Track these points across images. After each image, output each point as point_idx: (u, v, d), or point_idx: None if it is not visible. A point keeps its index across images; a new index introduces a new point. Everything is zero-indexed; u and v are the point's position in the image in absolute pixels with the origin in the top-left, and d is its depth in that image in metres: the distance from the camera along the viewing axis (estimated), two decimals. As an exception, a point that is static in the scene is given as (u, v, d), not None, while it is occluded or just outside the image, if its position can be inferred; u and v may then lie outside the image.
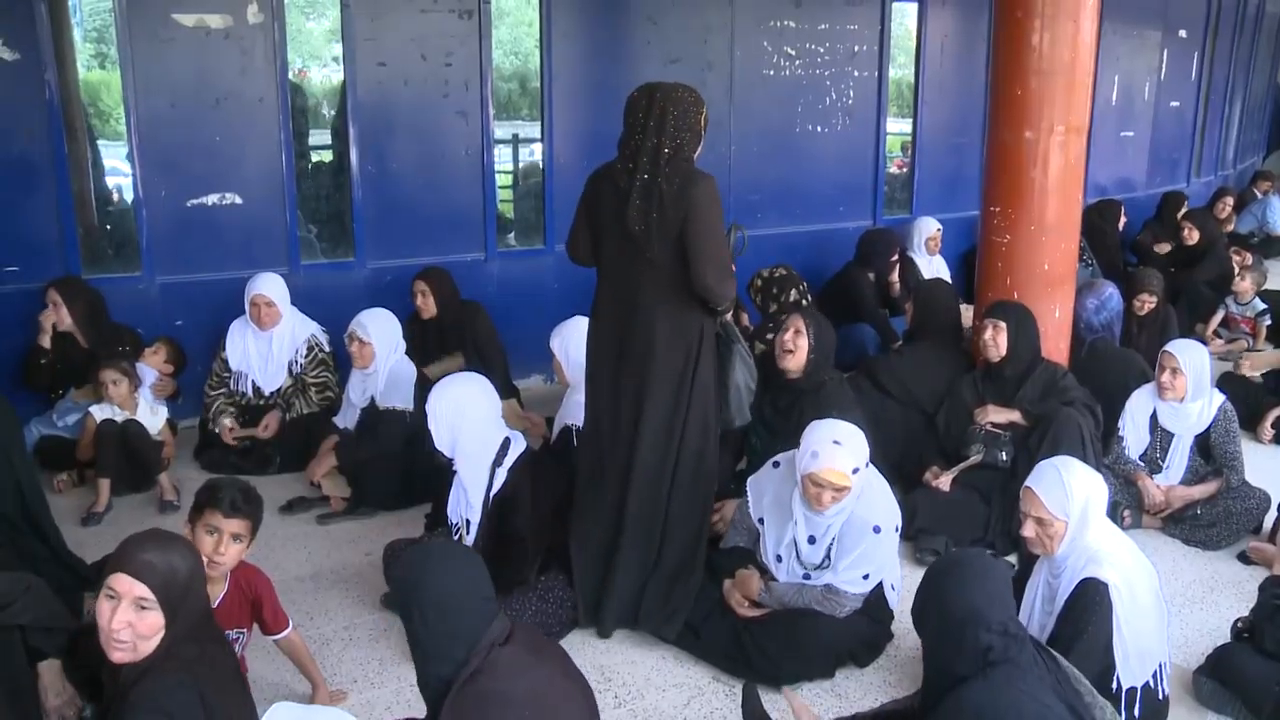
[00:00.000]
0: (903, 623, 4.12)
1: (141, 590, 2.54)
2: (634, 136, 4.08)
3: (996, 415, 5.11)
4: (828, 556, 3.88)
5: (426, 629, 2.51)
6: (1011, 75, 5.26)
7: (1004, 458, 5.00)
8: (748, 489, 4.17)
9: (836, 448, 3.77)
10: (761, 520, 4.06)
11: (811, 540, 3.89)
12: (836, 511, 3.83)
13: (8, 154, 5.88)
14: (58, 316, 5.83)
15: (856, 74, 8.47)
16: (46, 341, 5.83)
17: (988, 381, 5.26)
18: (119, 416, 5.46)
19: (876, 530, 3.85)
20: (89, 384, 5.65)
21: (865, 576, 3.87)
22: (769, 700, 3.55)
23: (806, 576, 3.91)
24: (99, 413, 5.45)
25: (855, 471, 3.77)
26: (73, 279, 5.99)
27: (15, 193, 5.92)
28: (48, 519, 4.16)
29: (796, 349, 4.81)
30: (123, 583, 2.56)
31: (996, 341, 5.12)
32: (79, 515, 5.24)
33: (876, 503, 3.91)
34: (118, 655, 2.58)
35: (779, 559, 3.98)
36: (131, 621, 2.55)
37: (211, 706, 2.49)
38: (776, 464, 4.12)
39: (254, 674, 3.76)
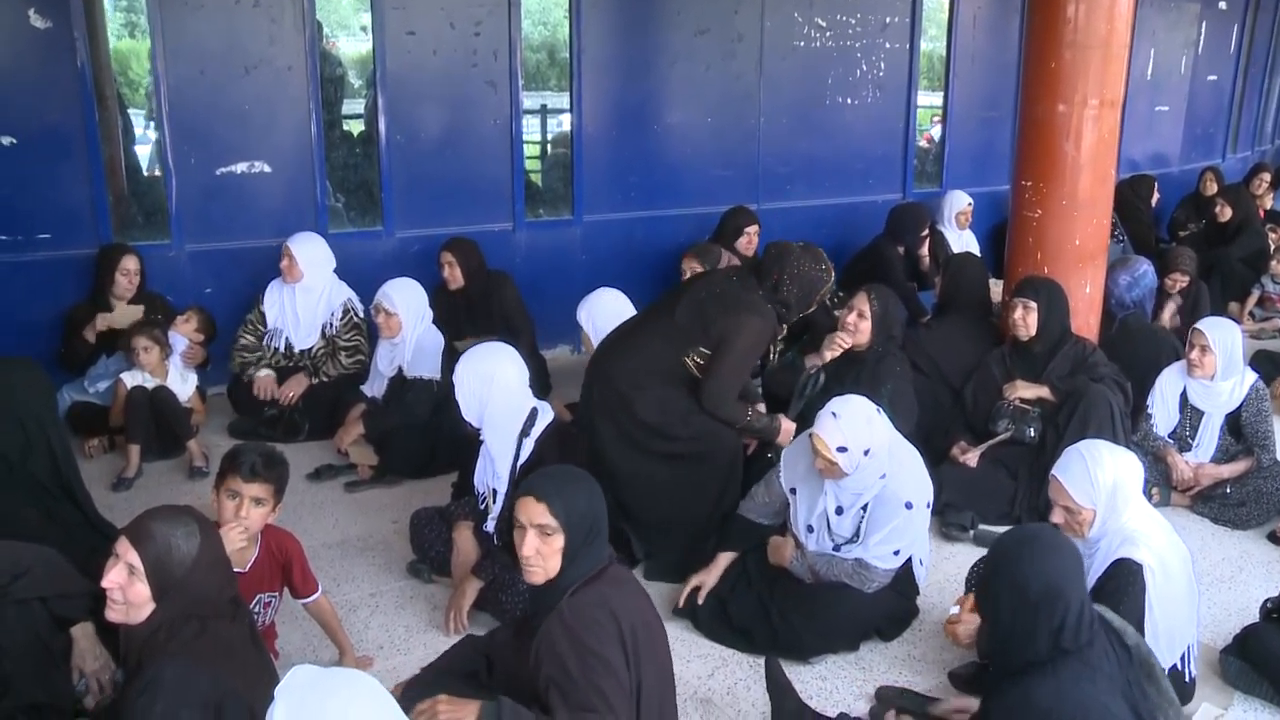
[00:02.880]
0: (927, 598, 4.14)
1: (134, 558, 2.57)
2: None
3: (1025, 391, 5.08)
4: (858, 531, 3.86)
5: None
6: (1045, 48, 5.20)
7: (1032, 433, 4.98)
8: (783, 459, 4.15)
9: (832, 420, 3.75)
10: (794, 490, 4.04)
11: (839, 511, 3.87)
12: (861, 486, 3.81)
13: (40, 123, 5.91)
14: (130, 284, 5.92)
15: (888, 46, 8.40)
16: (93, 337, 5.88)
17: (1016, 357, 5.23)
18: (149, 383, 5.50)
19: (909, 506, 3.82)
20: (121, 351, 5.70)
21: (896, 552, 3.85)
22: (792, 672, 3.57)
23: (836, 549, 3.89)
24: (129, 379, 5.50)
25: (842, 450, 3.71)
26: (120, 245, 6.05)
27: (47, 161, 5.95)
28: (79, 484, 4.19)
29: (859, 330, 4.89)
30: (122, 544, 2.60)
31: (1026, 321, 5.09)
32: (109, 480, 5.29)
33: (909, 479, 3.88)
34: (111, 614, 2.62)
35: (810, 529, 3.96)
36: (122, 584, 2.57)
37: (215, 685, 2.49)
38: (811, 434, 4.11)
39: (282, 640, 3.81)
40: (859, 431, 3.73)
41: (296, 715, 1.96)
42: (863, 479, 3.79)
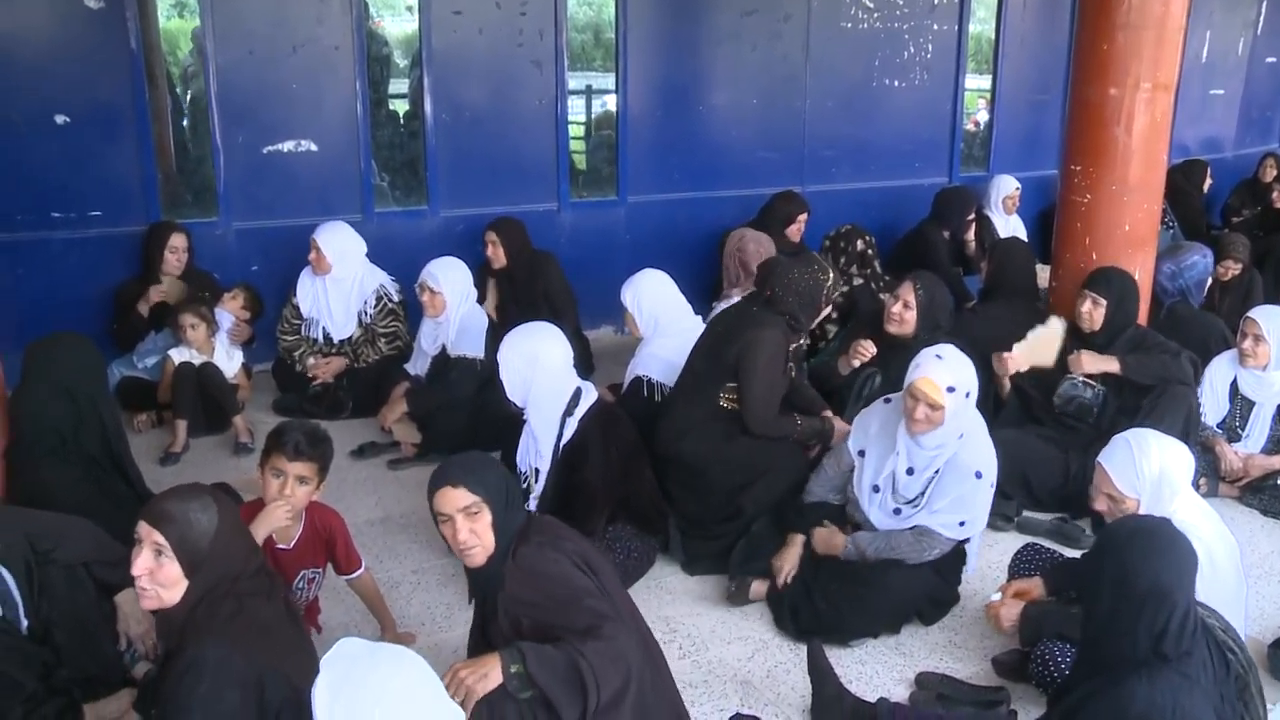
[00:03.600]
0: (969, 584, 4.12)
1: (158, 538, 2.58)
2: None
3: (1092, 364, 4.95)
4: (923, 493, 3.85)
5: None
6: (1098, 29, 5.12)
7: (1090, 396, 4.92)
8: (854, 424, 4.16)
9: (937, 360, 3.75)
10: (862, 452, 4.03)
11: (910, 472, 3.86)
12: (938, 444, 3.80)
13: (92, 101, 5.98)
14: (179, 261, 5.98)
15: (936, 27, 8.31)
16: (146, 310, 5.95)
17: (1077, 343, 5.08)
18: (196, 360, 5.56)
19: (979, 475, 3.82)
20: (169, 328, 5.76)
21: (961, 524, 3.85)
22: (832, 656, 3.56)
23: (897, 511, 3.89)
24: (177, 355, 5.56)
25: (951, 390, 3.71)
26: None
27: (99, 140, 6.03)
28: (129, 459, 4.25)
29: (904, 320, 4.87)
30: (143, 528, 2.61)
31: (1093, 316, 4.99)
32: (157, 455, 5.35)
33: (981, 449, 3.87)
34: (146, 601, 2.64)
35: (875, 489, 3.95)
36: (151, 569, 2.59)
37: (255, 664, 2.52)
38: (888, 400, 4.08)
39: (324, 616, 3.85)
40: (964, 370, 3.77)
41: (341, 686, 1.99)
42: (948, 431, 3.77)
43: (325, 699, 1.98)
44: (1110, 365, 4.94)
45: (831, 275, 4.56)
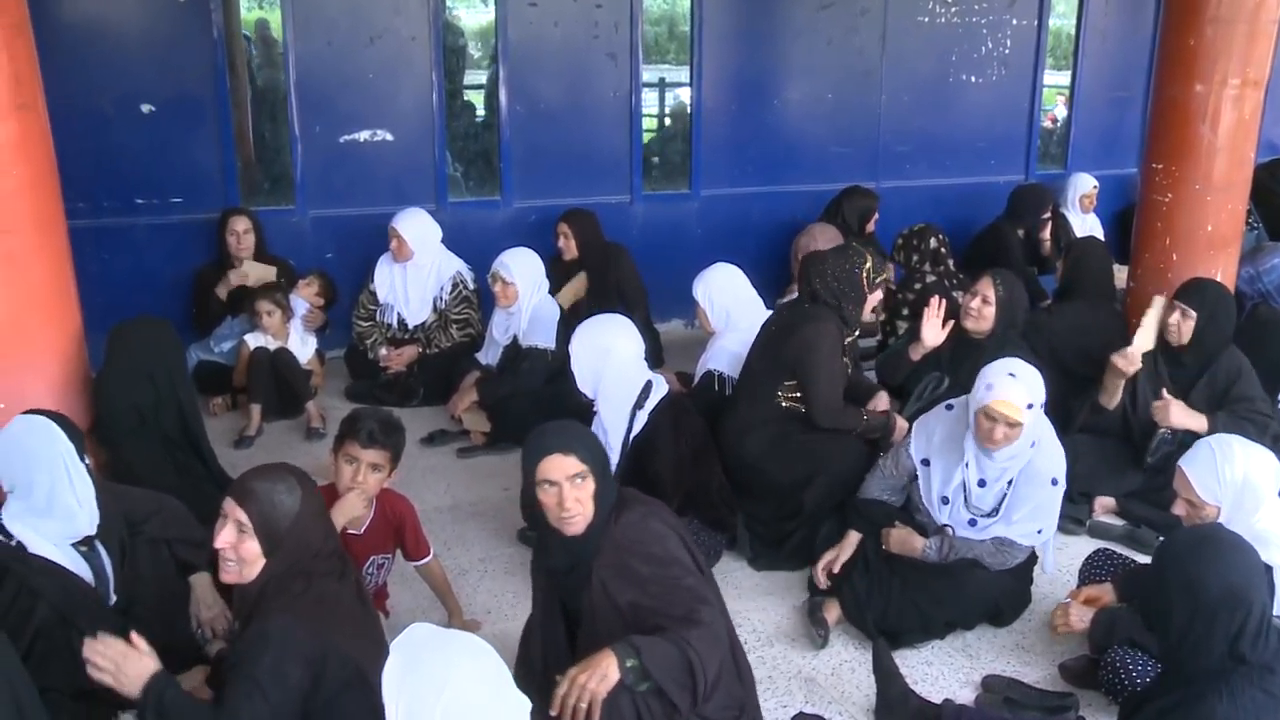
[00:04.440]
0: (1039, 588, 4.06)
1: (241, 515, 2.65)
2: None
3: (1179, 419, 4.63)
4: (998, 505, 3.80)
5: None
6: (1184, 23, 5.00)
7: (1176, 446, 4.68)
8: (913, 430, 4.09)
9: (1011, 380, 3.66)
10: (926, 461, 3.96)
11: (982, 484, 3.80)
12: (1010, 456, 3.73)
13: (176, 91, 6.11)
14: (240, 245, 6.06)
15: (1015, 22, 8.19)
16: (225, 294, 6.06)
17: (1168, 361, 4.86)
18: (271, 345, 5.65)
19: (1054, 483, 3.76)
20: (245, 313, 5.87)
21: (1039, 531, 3.80)
22: (897, 656, 3.54)
23: (972, 523, 3.83)
24: (252, 341, 5.66)
25: (1029, 407, 3.65)
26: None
27: (182, 128, 6.16)
28: (205, 440, 4.34)
29: (982, 316, 4.78)
30: (228, 504, 2.68)
31: (1180, 329, 4.73)
32: (232, 438, 5.45)
33: (1054, 454, 3.80)
34: (225, 574, 2.72)
35: (945, 501, 3.89)
36: (233, 542, 2.66)
37: (319, 640, 2.57)
38: (950, 406, 4.00)
39: (392, 601, 3.89)
40: (1037, 384, 3.71)
41: (409, 669, 2.00)
42: (1021, 443, 3.70)
43: (394, 682, 2.00)
44: (1197, 423, 4.62)
45: (870, 261, 4.49)
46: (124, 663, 2.59)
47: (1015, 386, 3.65)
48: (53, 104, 3.95)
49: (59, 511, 3.08)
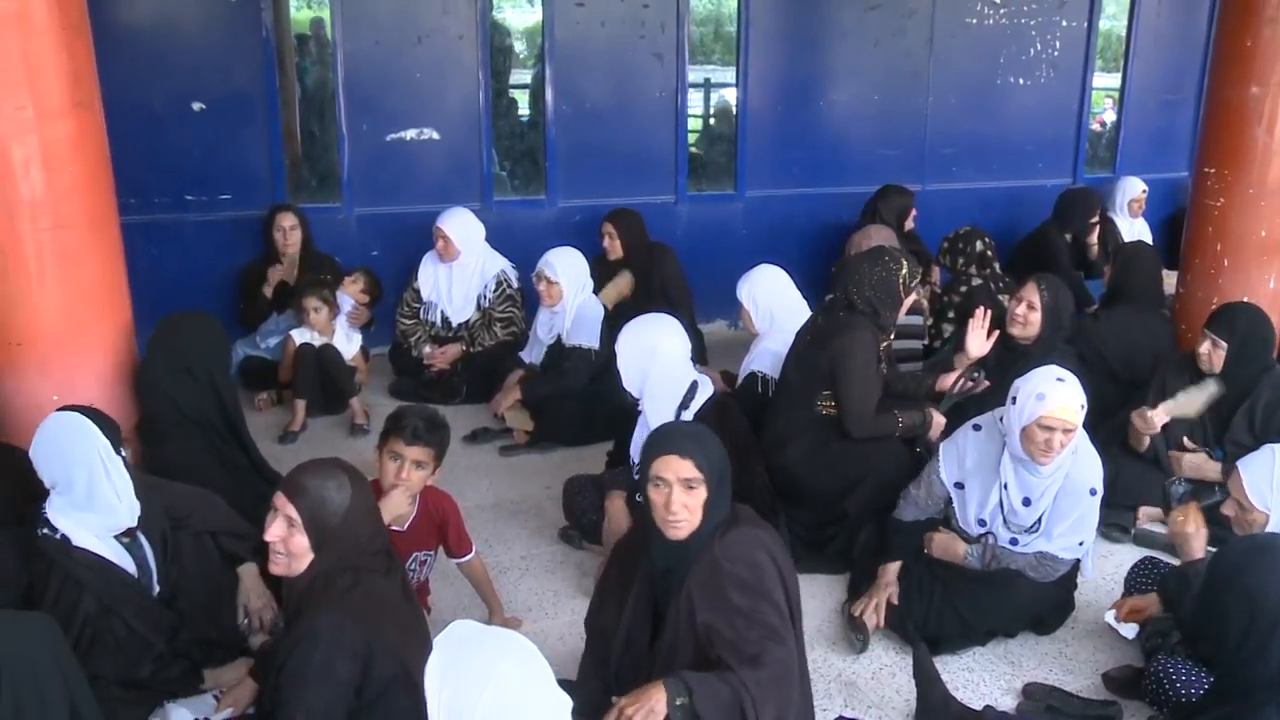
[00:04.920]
0: (1083, 595, 4.03)
1: (291, 510, 2.68)
2: None
3: (1192, 471, 4.56)
4: (1038, 521, 3.75)
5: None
6: (1241, 24, 4.93)
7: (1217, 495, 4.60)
8: (940, 453, 4.02)
9: (1061, 385, 3.61)
10: (959, 485, 3.92)
11: (1026, 502, 3.74)
12: (1055, 468, 3.68)
13: (227, 89, 6.20)
14: (286, 241, 6.15)
15: (1064, 24, 8.12)
16: (270, 292, 6.13)
17: (1198, 379, 4.71)
18: (316, 341, 5.70)
19: (1093, 493, 3.71)
20: (291, 309, 5.92)
21: (1080, 543, 3.75)
22: (938, 662, 3.52)
23: (1014, 541, 3.79)
24: (298, 336, 5.71)
25: (1082, 408, 3.61)
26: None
27: (232, 126, 6.24)
28: (246, 434, 4.37)
29: (1028, 322, 4.74)
30: (279, 499, 2.71)
31: (1211, 360, 4.61)
32: (276, 433, 5.50)
33: (1090, 462, 3.75)
34: (275, 567, 2.75)
35: (982, 523, 3.85)
36: (283, 536, 2.69)
37: (366, 636, 2.60)
38: (977, 427, 3.93)
39: (434, 597, 3.92)
40: (1080, 386, 3.66)
41: (451, 666, 2.02)
42: (1067, 451, 3.64)
43: (436, 678, 2.01)
44: (1211, 474, 4.53)
45: (906, 265, 4.43)
46: None
47: (1067, 390, 3.61)
48: (107, 102, 4.00)
49: (99, 505, 3.12)
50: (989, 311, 4.77)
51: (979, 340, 4.70)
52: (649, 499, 2.83)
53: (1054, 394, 3.59)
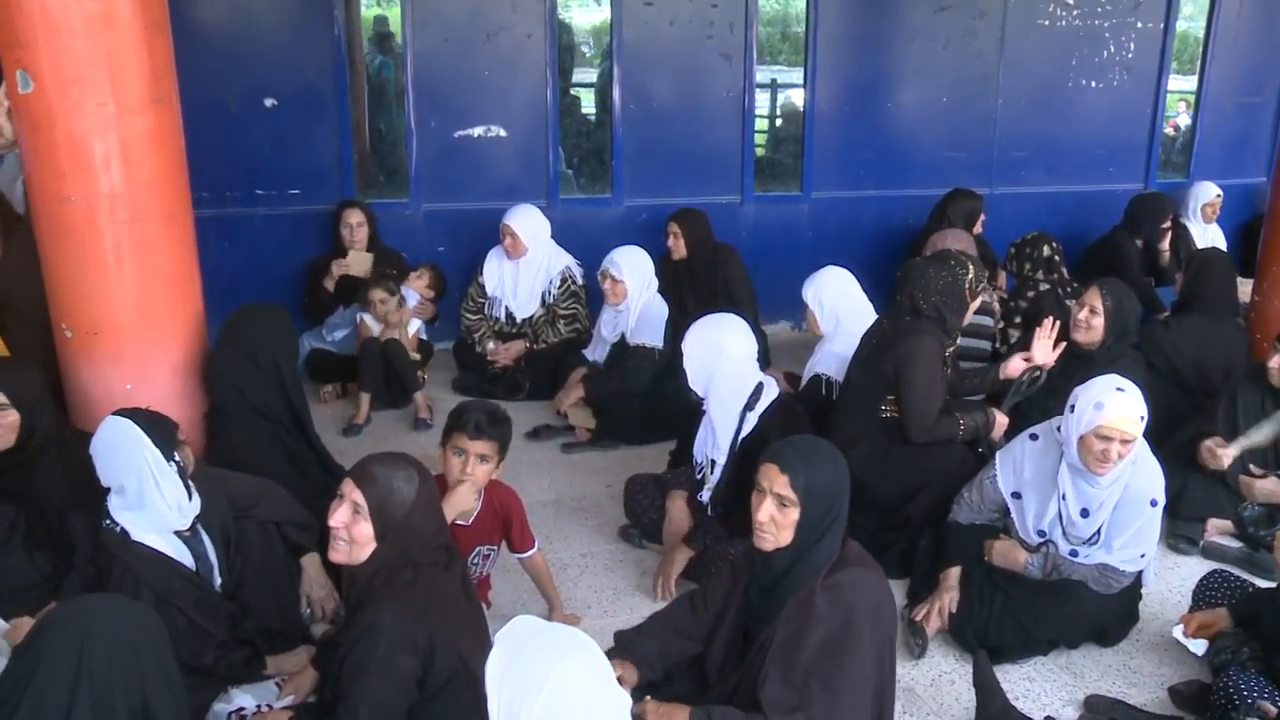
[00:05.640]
0: (1148, 607, 3.97)
1: (358, 497, 2.71)
2: None
3: (1264, 496, 4.49)
4: (1098, 532, 3.69)
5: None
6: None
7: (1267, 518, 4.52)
8: (997, 462, 3.97)
9: (1121, 394, 3.55)
10: (1017, 495, 3.87)
11: (1085, 514, 3.69)
12: (1114, 479, 3.62)
13: (298, 85, 6.29)
14: (353, 237, 6.21)
15: (1139, 25, 7.98)
16: (332, 286, 6.20)
17: (1270, 397, 4.67)
18: (381, 334, 5.77)
19: (1154, 504, 3.65)
20: (358, 303, 6.00)
21: (1141, 555, 3.70)
22: (999, 671, 3.48)
23: (1073, 553, 3.74)
24: (371, 324, 5.80)
25: (1142, 419, 3.55)
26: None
27: (302, 121, 6.33)
28: (311, 426, 4.41)
29: (1091, 327, 4.67)
30: (347, 485, 2.75)
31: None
32: (340, 425, 5.57)
33: (1151, 473, 3.69)
34: (334, 554, 2.78)
35: (1041, 534, 3.80)
36: (347, 523, 2.72)
37: (427, 630, 2.63)
38: (1034, 436, 3.88)
39: (494, 592, 3.95)
40: (1140, 396, 3.59)
41: (512, 661, 2.03)
42: (1126, 462, 3.59)
43: (497, 673, 2.03)
44: None
45: (972, 269, 4.38)
46: None
47: (1127, 400, 3.55)
48: (183, 98, 4.07)
49: (150, 510, 3.17)
50: (1056, 321, 4.70)
51: (1044, 350, 4.63)
52: (752, 502, 2.84)
53: (1113, 403, 3.53)
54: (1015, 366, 4.57)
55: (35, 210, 3.81)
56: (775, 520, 2.77)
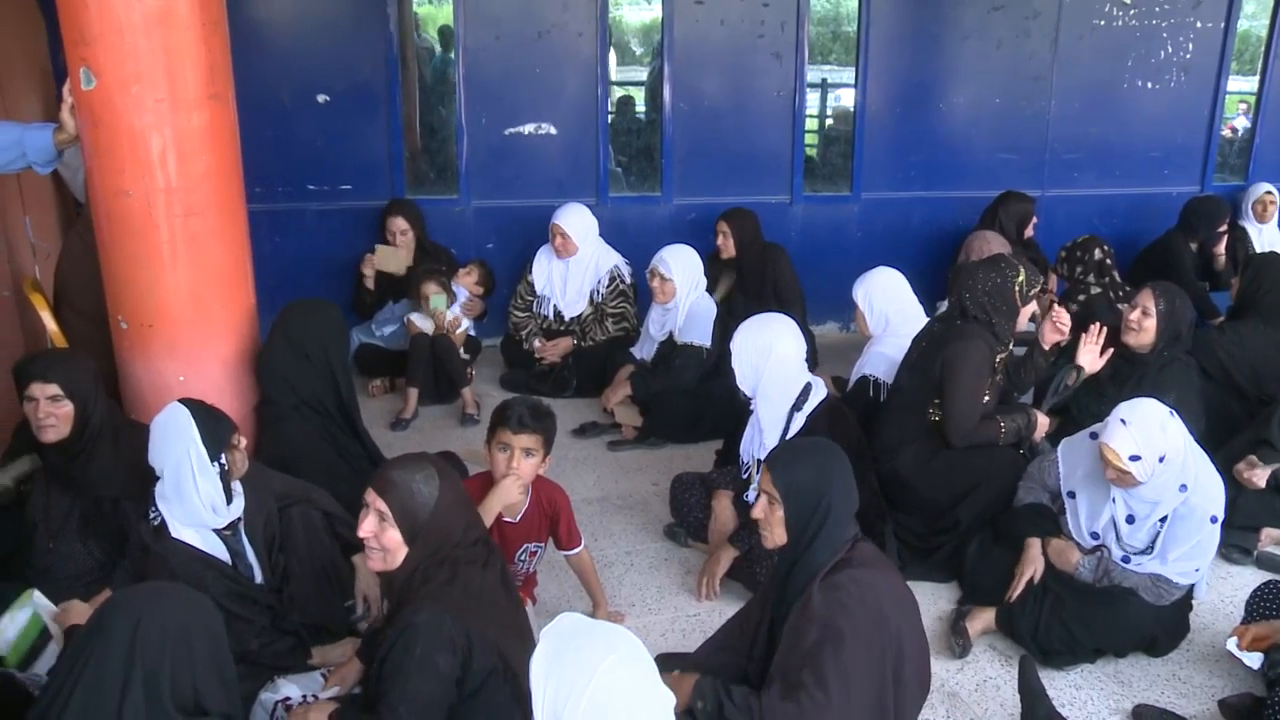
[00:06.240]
0: (1199, 617, 3.92)
1: (382, 505, 2.73)
2: None
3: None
4: (1152, 542, 3.66)
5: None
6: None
7: None
8: (1059, 454, 3.97)
9: (1121, 427, 3.54)
10: (1072, 494, 3.86)
11: (1130, 520, 3.67)
12: (1155, 495, 3.60)
13: (351, 82, 6.34)
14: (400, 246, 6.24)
15: (1199, 25, 7.85)
16: (371, 284, 6.23)
17: None
18: (430, 329, 5.82)
19: (1214, 520, 3.60)
20: (408, 298, 6.04)
21: (1196, 569, 3.66)
22: (1045, 677, 3.46)
23: (1126, 560, 3.70)
24: (418, 321, 5.84)
25: (1135, 459, 3.51)
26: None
27: (354, 118, 6.39)
28: (359, 420, 4.45)
29: (1142, 329, 4.61)
30: (369, 495, 2.77)
31: None
32: (388, 420, 5.61)
33: (1211, 490, 3.64)
34: (372, 562, 2.81)
35: (1095, 536, 3.78)
36: (375, 531, 2.75)
37: (465, 629, 2.65)
38: (1094, 435, 3.83)
39: (540, 588, 3.97)
40: (1152, 438, 3.52)
41: (557, 658, 2.04)
42: (1158, 487, 3.57)
43: (541, 670, 2.03)
44: None
45: (1023, 273, 4.30)
46: None
47: (1122, 435, 3.53)
48: (238, 94, 4.11)
49: (185, 502, 3.21)
50: (1103, 328, 4.64)
51: (1092, 356, 4.56)
52: None
53: (1111, 432, 3.56)
54: (1049, 333, 4.48)
55: (94, 203, 3.87)
56: (766, 517, 2.88)
